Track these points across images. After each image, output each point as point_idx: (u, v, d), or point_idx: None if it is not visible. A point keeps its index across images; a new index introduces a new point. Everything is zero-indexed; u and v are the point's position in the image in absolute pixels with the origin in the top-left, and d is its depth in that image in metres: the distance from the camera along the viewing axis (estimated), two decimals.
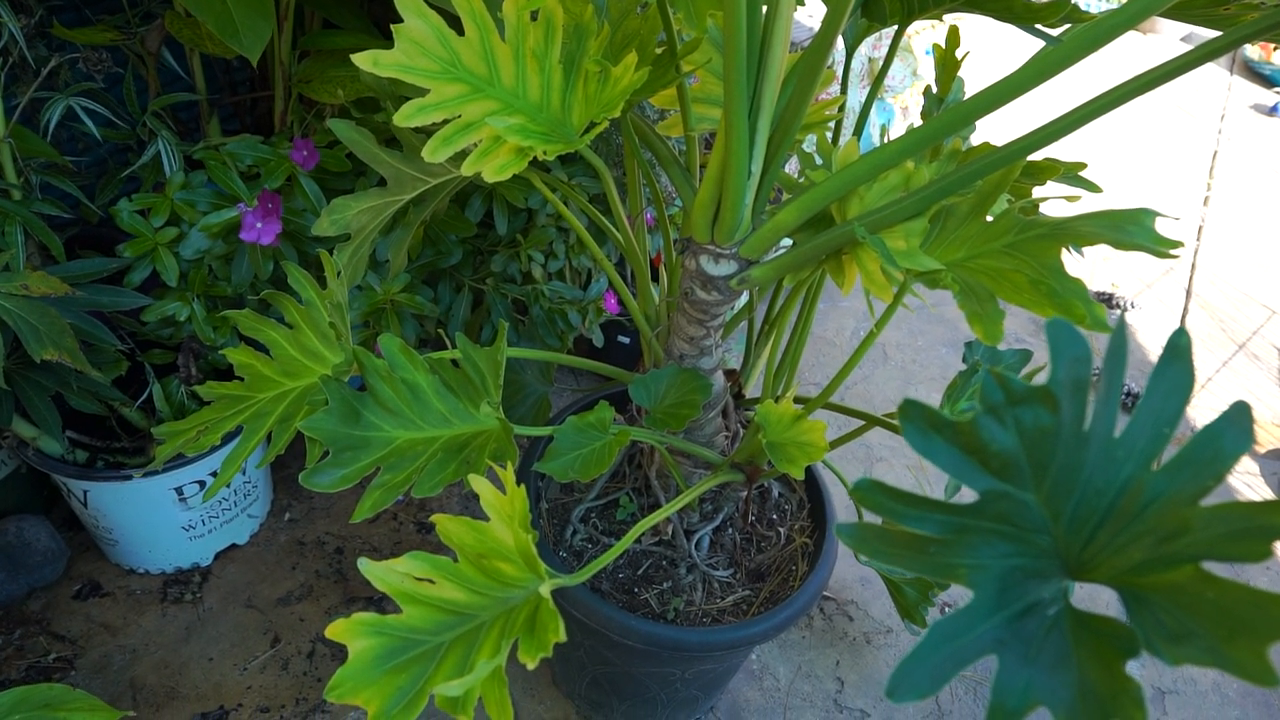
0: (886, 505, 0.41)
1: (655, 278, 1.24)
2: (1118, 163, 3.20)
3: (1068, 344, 0.40)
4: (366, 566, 0.56)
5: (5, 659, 1.23)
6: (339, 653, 1.30)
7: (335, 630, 0.54)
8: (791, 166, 1.86)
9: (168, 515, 1.27)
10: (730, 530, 1.09)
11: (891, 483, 1.62)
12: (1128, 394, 2.00)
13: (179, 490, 1.24)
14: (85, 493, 1.21)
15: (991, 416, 0.40)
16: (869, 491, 0.40)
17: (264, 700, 1.23)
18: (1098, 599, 1.53)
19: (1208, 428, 0.39)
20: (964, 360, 0.91)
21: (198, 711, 1.20)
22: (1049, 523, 0.41)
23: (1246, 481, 1.88)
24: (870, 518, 1.34)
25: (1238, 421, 0.38)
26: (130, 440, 1.23)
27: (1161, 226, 0.62)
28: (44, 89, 1.07)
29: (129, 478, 1.16)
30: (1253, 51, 4.34)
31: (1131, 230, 0.60)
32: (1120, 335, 0.40)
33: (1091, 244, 0.62)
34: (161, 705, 1.20)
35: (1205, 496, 0.38)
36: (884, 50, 2.12)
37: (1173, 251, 0.62)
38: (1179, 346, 0.40)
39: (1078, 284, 0.63)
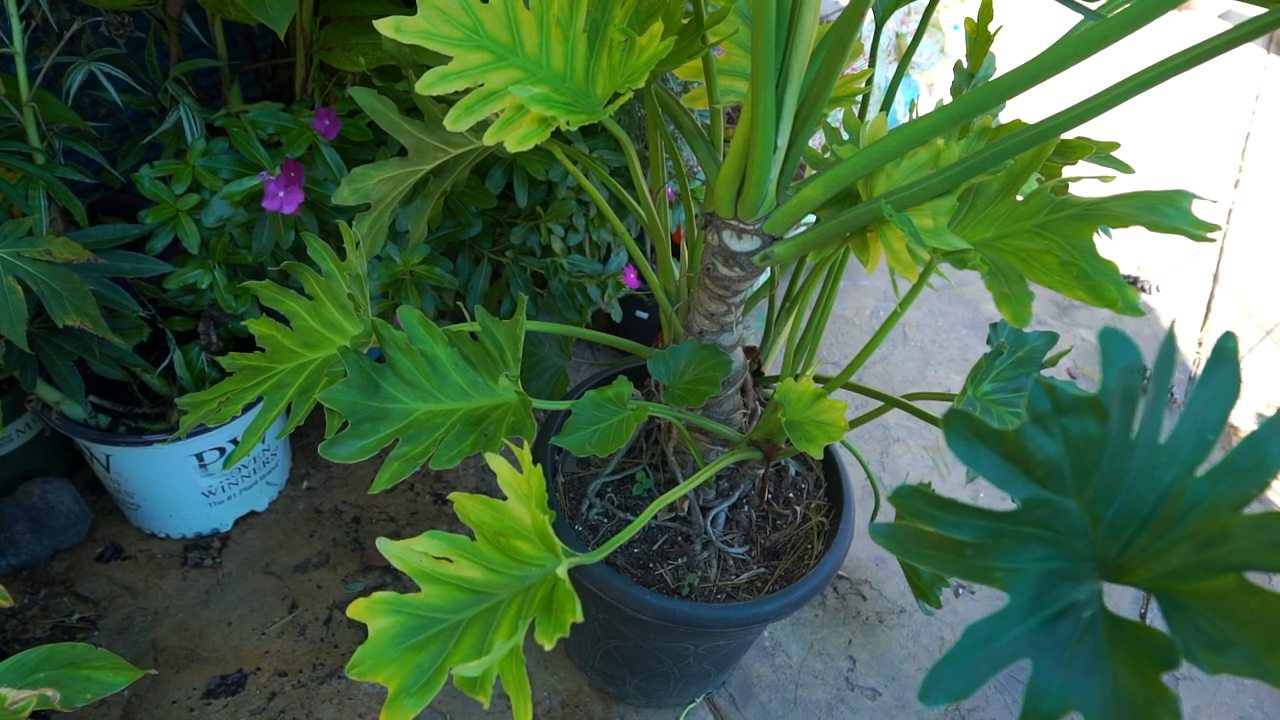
0: (925, 511, 0.40)
1: (676, 253, 1.23)
2: (1148, 143, 3.14)
3: (1120, 353, 0.39)
4: (385, 546, 0.57)
5: (31, 618, 1.25)
6: (355, 621, 1.31)
7: (356, 609, 0.55)
8: (816, 142, 1.84)
9: (188, 481, 1.28)
10: (746, 508, 1.09)
11: (907, 464, 1.61)
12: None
13: (199, 457, 1.25)
14: (108, 457, 1.22)
15: (1038, 426, 0.40)
16: (908, 497, 0.40)
17: (282, 665, 1.24)
18: (1113, 598, 1.52)
19: (1253, 435, 0.38)
20: (989, 342, 0.90)
21: (217, 674, 1.22)
22: (1088, 527, 0.41)
23: None
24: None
25: None
26: (152, 406, 1.24)
27: (1197, 209, 0.60)
28: (66, 53, 1.06)
29: (150, 443, 1.18)
30: None
31: (1167, 212, 0.59)
32: (1170, 343, 0.40)
33: (1125, 225, 0.60)
34: (182, 666, 1.22)
35: (1248, 505, 0.38)
36: (911, 25, 2.08)
37: (1208, 235, 0.60)
38: (1225, 351, 0.39)
39: (1110, 266, 0.62)
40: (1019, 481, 0.40)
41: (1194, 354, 2.17)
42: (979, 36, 1.00)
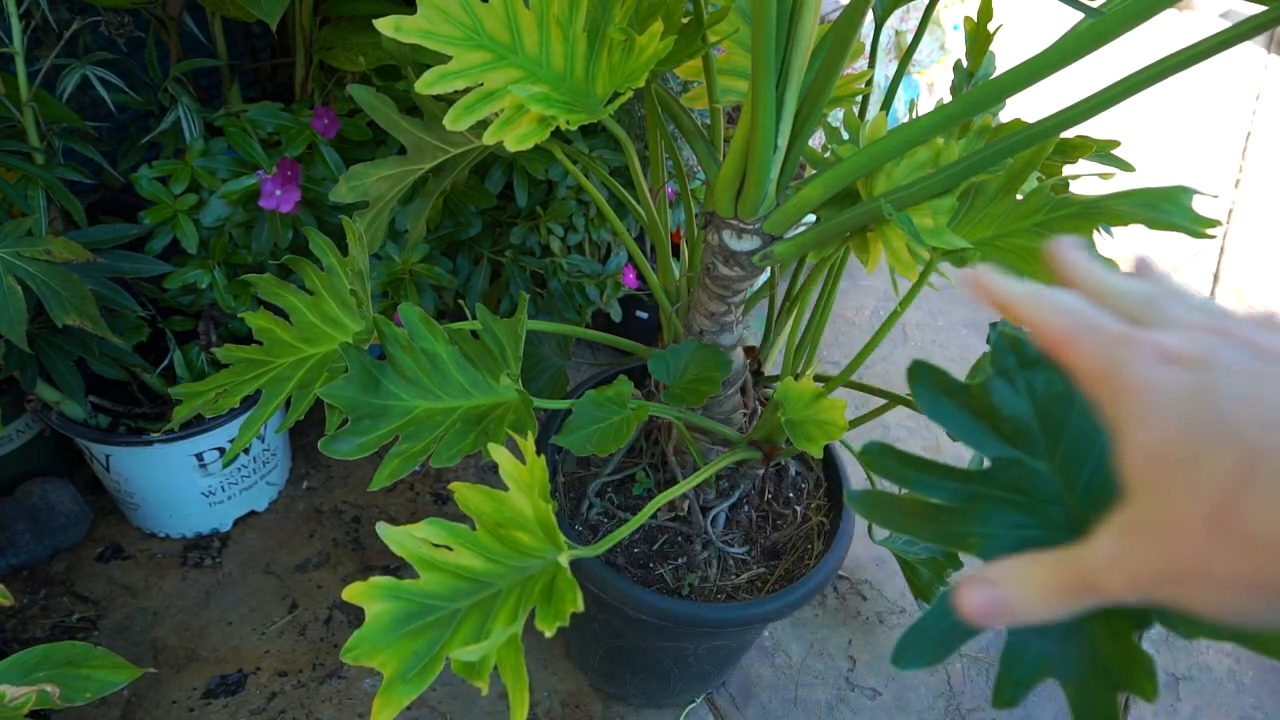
0: (896, 470, 0.40)
1: (676, 253, 1.23)
2: (1148, 142, 3.14)
3: None
4: (385, 531, 0.56)
5: (30, 618, 1.25)
6: (355, 620, 1.31)
7: (352, 592, 0.54)
8: (816, 141, 1.84)
9: (188, 481, 1.28)
10: (746, 507, 1.09)
11: None
12: None
13: (199, 456, 1.25)
14: (107, 457, 1.22)
15: (1003, 380, 0.39)
16: (878, 455, 0.39)
17: (282, 665, 1.24)
18: None
19: None
20: (988, 341, 0.90)
21: (217, 674, 1.22)
22: (1062, 493, 0.40)
23: None
24: (884, 489, 1.33)
25: None
26: (152, 406, 1.24)
27: (1197, 205, 0.60)
28: (66, 53, 1.07)
29: (150, 443, 1.18)
30: None
31: (1167, 209, 0.59)
32: None
33: (1125, 223, 0.60)
34: (182, 666, 1.22)
35: None
36: (911, 24, 2.09)
37: (1208, 232, 0.60)
38: None
39: (1109, 264, 0.62)
40: (988, 439, 0.40)
41: None
42: (978, 35, 1.00)
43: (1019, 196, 0.72)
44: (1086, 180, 0.89)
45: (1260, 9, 0.55)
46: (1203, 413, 0.24)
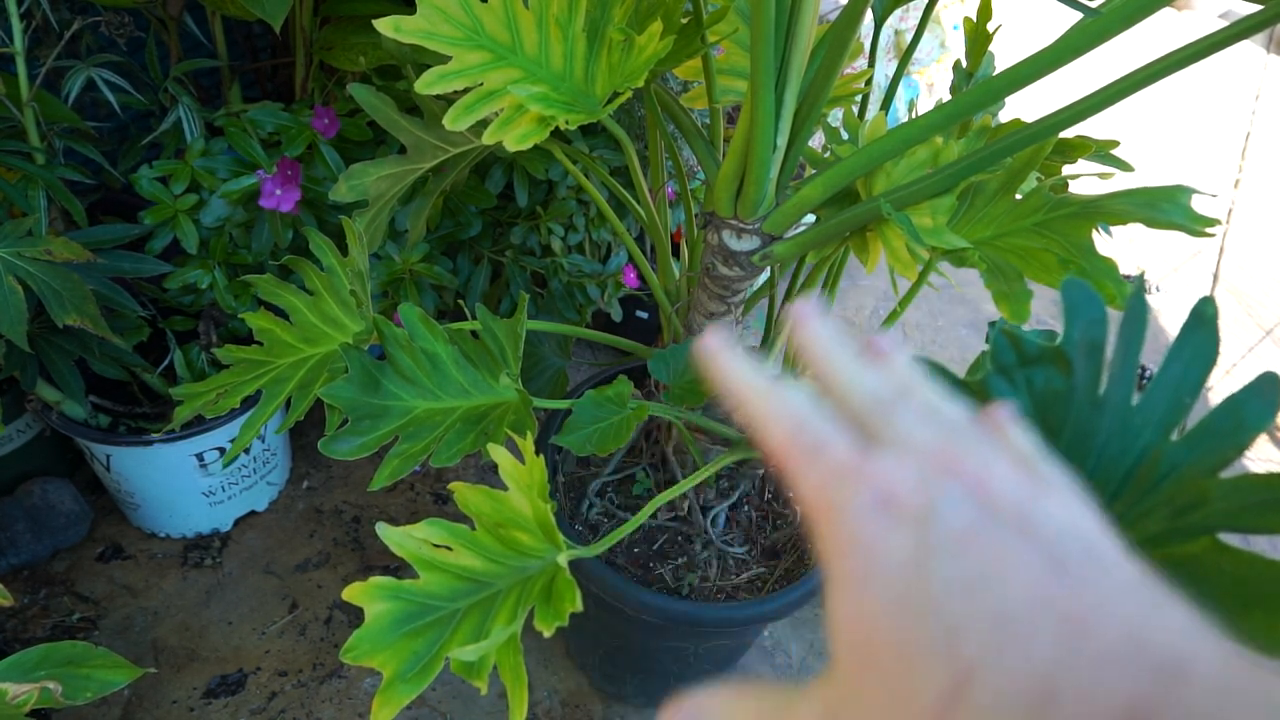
0: None
1: (676, 253, 1.23)
2: (1148, 142, 3.14)
3: (1083, 305, 0.38)
4: (385, 531, 0.57)
5: (31, 618, 1.25)
6: (355, 620, 1.32)
7: (352, 592, 0.54)
8: (816, 141, 1.84)
9: (189, 481, 1.28)
10: (746, 507, 1.09)
11: None
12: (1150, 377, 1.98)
13: (200, 456, 1.25)
14: (108, 457, 1.22)
15: (1002, 377, 0.39)
16: None
17: (282, 664, 1.24)
18: None
19: (1231, 397, 0.37)
20: (987, 340, 0.90)
21: (217, 674, 1.22)
22: None
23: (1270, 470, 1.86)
24: None
25: (1263, 392, 0.37)
26: (152, 406, 1.24)
27: (1196, 204, 0.60)
28: (67, 54, 1.07)
29: (150, 443, 1.18)
30: None
31: (1166, 208, 0.59)
32: (1138, 298, 0.39)
33: (1124, 222, 0.60)
34: (182, 666, 1.23)
35: (1225, 468, 0.37)
36: (911, 23, 2.09)
37: (1208, 230, 0.60)
38: (1204, 315, 0.38)
39: (1109, 264, 0.62)
40: None
41: None
42: (978, 35, 1.00)
43: (1018, 196, 0.72)
44: (1086, 180, 0.89)
45: (1259, 8, 0.55)
46: (917, 598, 0.21)
